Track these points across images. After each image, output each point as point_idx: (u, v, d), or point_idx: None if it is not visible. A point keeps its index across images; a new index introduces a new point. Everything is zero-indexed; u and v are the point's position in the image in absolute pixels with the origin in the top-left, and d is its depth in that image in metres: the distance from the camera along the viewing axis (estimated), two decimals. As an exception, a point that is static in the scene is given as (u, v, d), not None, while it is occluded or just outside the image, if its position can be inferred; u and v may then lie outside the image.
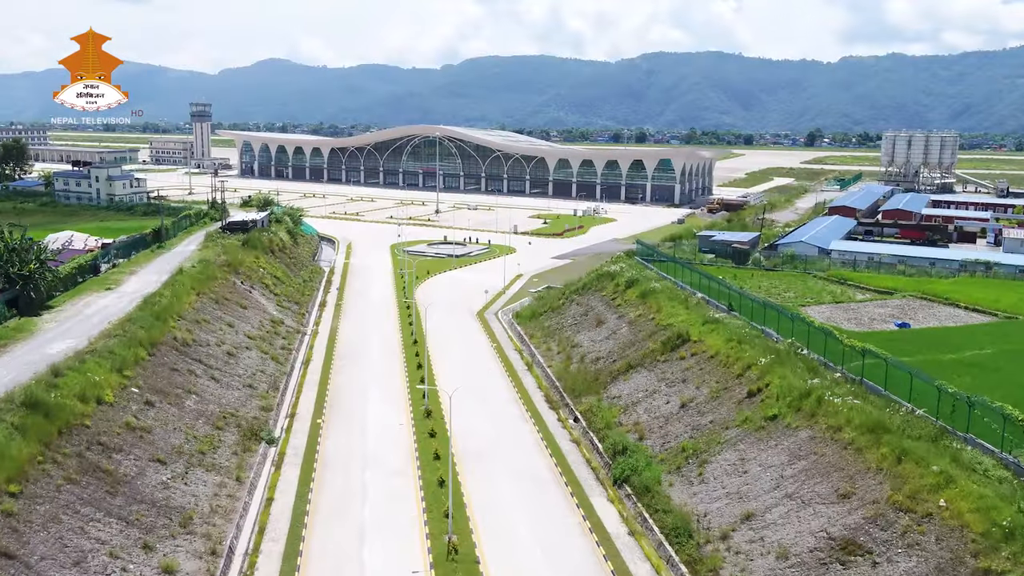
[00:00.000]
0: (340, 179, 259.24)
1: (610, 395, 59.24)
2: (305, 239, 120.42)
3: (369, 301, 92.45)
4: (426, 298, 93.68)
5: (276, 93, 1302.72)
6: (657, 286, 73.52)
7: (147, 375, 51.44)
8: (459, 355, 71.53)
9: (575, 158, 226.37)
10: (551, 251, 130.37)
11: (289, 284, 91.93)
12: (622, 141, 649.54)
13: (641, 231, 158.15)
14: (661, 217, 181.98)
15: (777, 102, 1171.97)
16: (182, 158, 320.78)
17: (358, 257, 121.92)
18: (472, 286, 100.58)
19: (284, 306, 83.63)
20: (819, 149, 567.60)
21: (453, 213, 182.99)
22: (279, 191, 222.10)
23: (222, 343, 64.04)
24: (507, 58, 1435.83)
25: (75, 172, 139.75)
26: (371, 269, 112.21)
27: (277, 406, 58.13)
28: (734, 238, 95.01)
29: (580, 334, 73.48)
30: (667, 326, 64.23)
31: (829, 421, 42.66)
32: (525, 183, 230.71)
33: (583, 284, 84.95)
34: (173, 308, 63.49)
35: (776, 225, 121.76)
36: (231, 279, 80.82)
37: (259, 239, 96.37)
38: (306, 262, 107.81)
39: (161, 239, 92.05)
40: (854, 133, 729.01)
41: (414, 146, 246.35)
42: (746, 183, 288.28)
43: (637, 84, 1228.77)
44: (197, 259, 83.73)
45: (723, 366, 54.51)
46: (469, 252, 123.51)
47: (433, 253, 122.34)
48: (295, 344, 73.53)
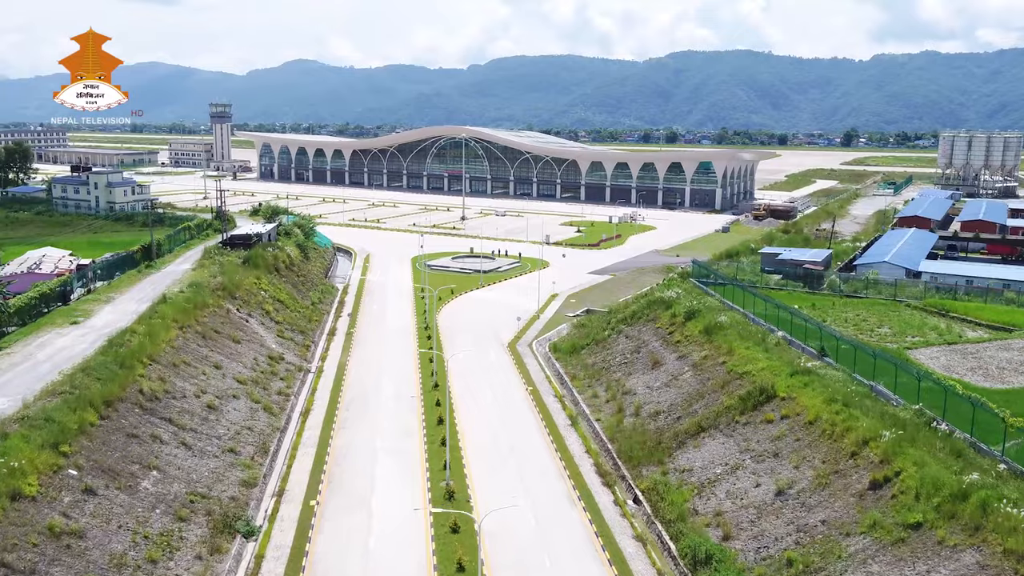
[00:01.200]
0: (362, 182, 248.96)
1: (678, 466, 47.30)
2: (318, 253, 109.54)
3: (385, 328, 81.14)
4: (450, 324, 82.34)
5: (303, 94, 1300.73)
6: (724, 319, 61.43)
7: (94, 448, 40.44)
8: (488, 403, 59.89)
9: (609, 160, 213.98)
10: (587, 265, 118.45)
11: (294, 309, 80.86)
12: (652, 141, 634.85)
13: (683, 241, 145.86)
14: (703, 224, 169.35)
15: (808, 101, 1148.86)
16: (202, 160, 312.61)
17: (376, 272, 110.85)
18: (502, 309, 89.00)
19: (286, 337, 72.53)
20: (857, 149, 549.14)
21: (480, 220, 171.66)
22: (298, 195, 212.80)
23: (203, 392, 52.95)
24: (534, 58, 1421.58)
25: (73, 178, 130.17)
26: (389, 287, 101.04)
27: (263, 478, 46.86)
28: (803, 256, 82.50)
29: (632, 377, 61.54)
30: (744, 375, 52.23)
31: (1008, 543, 30.49)
32: (556, 187, 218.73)
33: (632, 312, 73.00)
34: (144, 350, 52.57)
35: (842, 239, 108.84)
36: (225, 306, 69.93)
37: (262, 256, 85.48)
38: (317, 280, 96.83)
39: (151, 257, 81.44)
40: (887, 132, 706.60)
41: (439, 148, 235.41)
42: (788, 186, 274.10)
43: (665, 83, 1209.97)
44: (188, 282, 72.97)
45: (828, 438, 42.43)
46: (498, 267, 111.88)
47: (458, 268, 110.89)
48: (294, 387, 62.34)
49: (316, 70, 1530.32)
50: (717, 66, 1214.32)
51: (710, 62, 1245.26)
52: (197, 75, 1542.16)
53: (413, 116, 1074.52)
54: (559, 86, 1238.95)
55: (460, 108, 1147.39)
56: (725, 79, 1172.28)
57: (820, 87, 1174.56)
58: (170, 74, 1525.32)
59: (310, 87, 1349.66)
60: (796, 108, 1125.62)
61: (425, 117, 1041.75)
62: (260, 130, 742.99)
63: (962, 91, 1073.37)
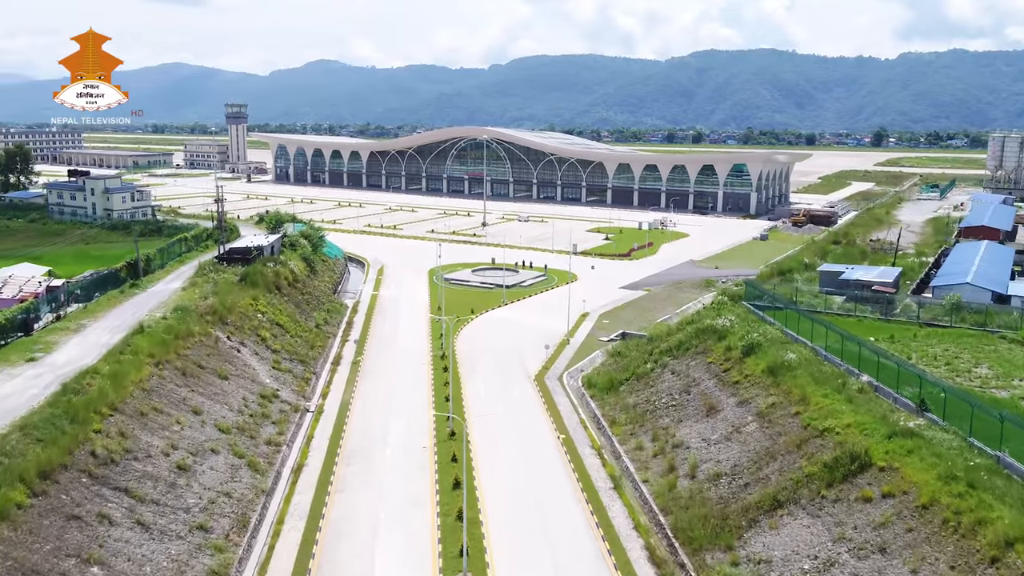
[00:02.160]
0: (380, 185, 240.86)
1: (751, 553, 37.98)
2: (326, 265, 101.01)
3: (396, 355, 72.31)
4: (469, 350, 73.40)
5: (325, 94, 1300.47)
6: (792, 357, 51.95)
7: (16, 541, 31.90)
8: (513, 458, 50.83)
9: (637, 163, 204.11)
10: (619, 278, 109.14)
11: (295, 333, 72.23)
12: (677, 141, 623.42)
13: (719, 250, 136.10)
14: (739, 231, 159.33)
15: (832, 100, 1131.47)
16: (217, 162, 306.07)
17: (389, 287, 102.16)
18: (527, 332, 79.96)
19: (283, 368, 63.88)
20: (887, 149, 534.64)
21: (502, 226, 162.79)
22: (313, 199, 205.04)
23: (174, 448, 44.37)
24: (555, 57, 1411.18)
25: (69, 184, 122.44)
26: (403, 304, 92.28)
27: (238, 564, 38.09)
28: (870, 276, 72.64)
29: (684, 425, 52.24)
30: (825, 432, 42.86)
31: None
32: (581, 190, 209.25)
33: (677, 342, 63.60)
34: (105, 397, 44.16)
35: (902, 252, 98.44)
36: (214, 334, 61.44)
37: (262, 273, 76.94)
38: (324, 298, 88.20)
39: (137, 275, 73.16)
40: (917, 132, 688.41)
41: (459, 149, 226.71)
42: (822, 188, 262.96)
43: (687, 83, 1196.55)
44: (173, 305, 64.58)
45: (952, 532, 32.96)
46: (522, 281, 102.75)
47: (478, 282, 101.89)
48: (288, 433, 53.61)
49: (338, 70, 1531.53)
50: (740, 65, 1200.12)
51: (733, 61, 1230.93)
52: (220, 76, 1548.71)
53: (434, 116, 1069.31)
54: (580, 86, 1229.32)
55: (481, 108, 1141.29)
56: (748, 78, 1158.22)
57: (845, 86, 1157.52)
58: (194, 75, 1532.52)
59: (332, 87, 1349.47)
60: (821, 107, 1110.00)
61: (446, 117, 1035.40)
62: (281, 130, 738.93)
63: (990, 90, 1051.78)
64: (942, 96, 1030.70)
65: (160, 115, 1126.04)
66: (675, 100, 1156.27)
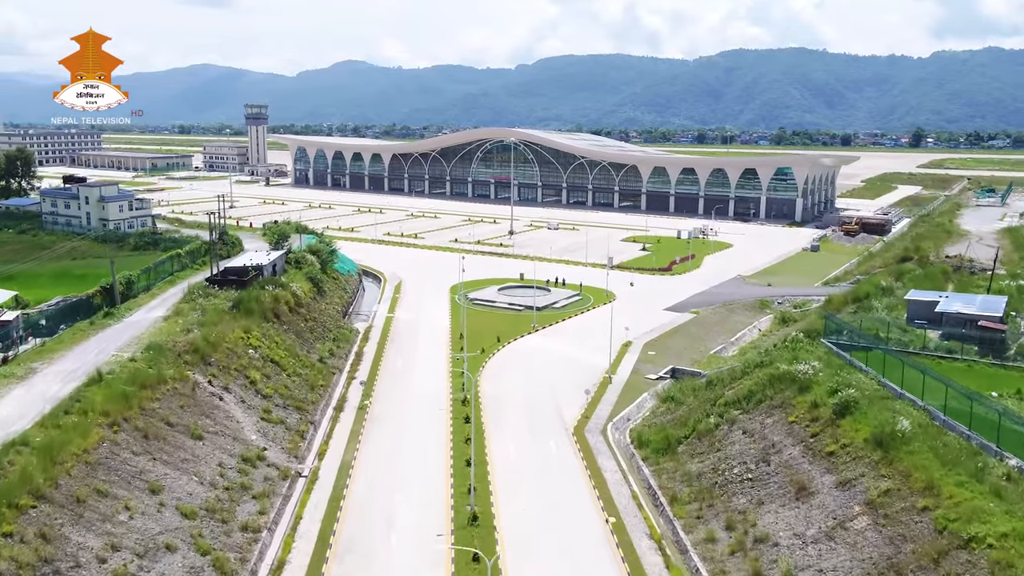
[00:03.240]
0: (402, 189, 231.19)
1: None
2: (337, 284, 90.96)
3: (410, 399, 61.97)
4: (495, 392, 62.92)
5: (352, 95, 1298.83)
6: (905, 426, 40.79)
7: None
8: (552, 553, 40.17)
9: (674, 166, 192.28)
10: (661, 296, 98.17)
11: (294, 371, 62.11)
12: (706, 142, 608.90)
13: (768, 263, 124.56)
14: (786, 241, 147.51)
15: (864, 99, 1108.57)
16: (237, 164, 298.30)
17: (406, 307, 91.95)
18: (562, 366, 69.38)
19: (274, 419, 53.75)
20: (927, 150, 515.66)
21: (530, 234, 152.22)
22: (331, 204, 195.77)
23: (113, 550, 34.30)
24: (582, 57, 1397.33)
25: (63, 191, 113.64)
26: (421, 330, 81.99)
27: None
28: (972, 308, 61.01)
29: (767, 510, 41.29)
30: (972, 543, 31.90)
31: None
32: (613, 195, 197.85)
33: (747, 392, 52.56)
34: (29, 482, 34.32)
35: (988, 270, 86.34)
36: (192, 378, 51.49)
37: (258, 298, 66.95)
38: (331, 324, 78.07)
39: (113, 301, 63.52)
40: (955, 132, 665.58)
41: (485, 152, 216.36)
42: (867, 193, 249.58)
43: (715, 82, 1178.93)
44: (147, 342, 54.83)
45: None
46: (554, 302, 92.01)
47: (506, 303, 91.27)
48: (271, 512, 43.40)
49: (365, 71, 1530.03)
50: (769, 64, 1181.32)
51: (762, 60, 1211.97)
52: (248, 76, 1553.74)
53: (460, 116, 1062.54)
54: (607, 85, 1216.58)
55: (507, 108, 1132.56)
56: (778, 77, 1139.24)
57: (877, 85, 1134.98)
58: (221, 76, 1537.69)
59: (359, 88, 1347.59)
60: (852, 107, 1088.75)
61: (472, 117, 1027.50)
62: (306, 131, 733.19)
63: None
64: (978, 95, 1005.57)
65: (188, 116, 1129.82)
66: (703, 100, 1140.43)
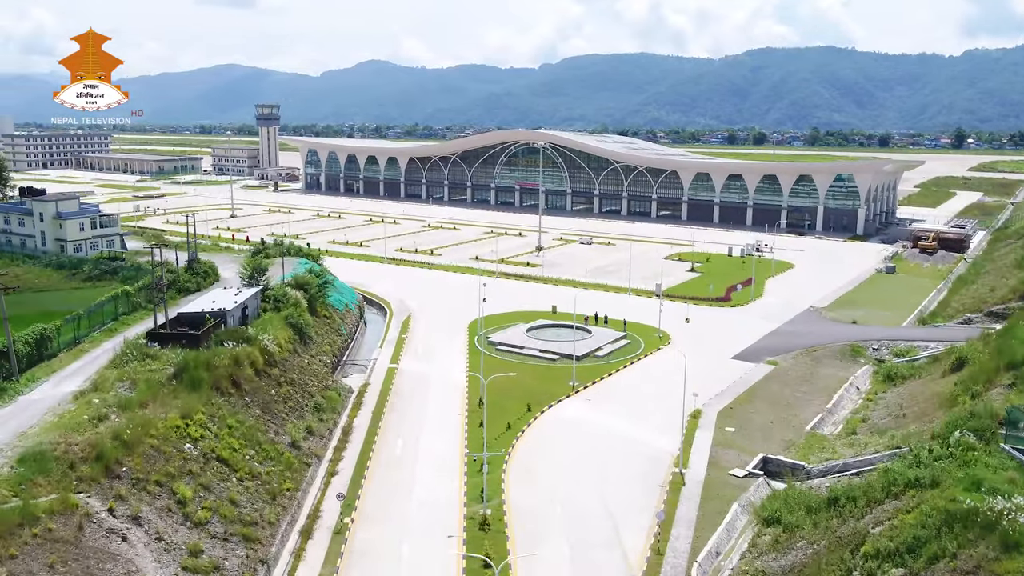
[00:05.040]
0: (419, 195, 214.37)
1: None
2: (330, 324, 73.94)
3: (407, 519, 44.65)
4: (526, 505, 45.47)
5: (375, 94, 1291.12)
6: None
7: None
8: None
9: (719, 172, 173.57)
10: (725, 339, 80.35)
11: (249, 471, 44.99)
12: (737, 143, 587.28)
13: (841, 289, 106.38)
14: (853, 259, 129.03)
15: (894, 99, 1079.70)
16: (247, 167, 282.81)
17: (414, 353, 74.78)
18: (615, 456, 51.96)
19: (204, 567, 36.56)
20: (970, 152, 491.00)
21: (560, 250, 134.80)
22: (341, 212, 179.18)
23: None
24: (606, 56, 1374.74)
25: (15, 206, 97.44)
26: (430, 390, 64.82)
27: None
28: None
29: None
30: None
31: None
32: (651, 204, 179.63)
33: (910, 539, 34.67)
34: None
35: None
36: (81, 509, 34.61)
37: (210, 362, 49.99)
38: (316, 384, 60.99)
39: (10, 371, 46.90)
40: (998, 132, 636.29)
41: (510, 155, 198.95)
42: (925, 200, 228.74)
43: (742, 81, 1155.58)
44: (32, 444, 38.11)
45: None
46: (596, 348, 74.27)
47: (536, 350, 73.58)
48: None
49: (388, 70, 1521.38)
50: (797, 63, 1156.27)
51: (789, 59, 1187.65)
52: (272, 76, 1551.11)
53: (483, 116, 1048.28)
54: (631, 85, 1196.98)
55: (531, 108, 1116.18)
56: (806, 76, 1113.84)
57: (907, 84, 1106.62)
58: (246, 76, 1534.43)
59: (382, 88, 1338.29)
60: (882, 106, 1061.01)
61: (495, 117, 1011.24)
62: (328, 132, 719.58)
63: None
64: (1011, 94, 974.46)
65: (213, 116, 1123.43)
66: (729, 99, 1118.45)
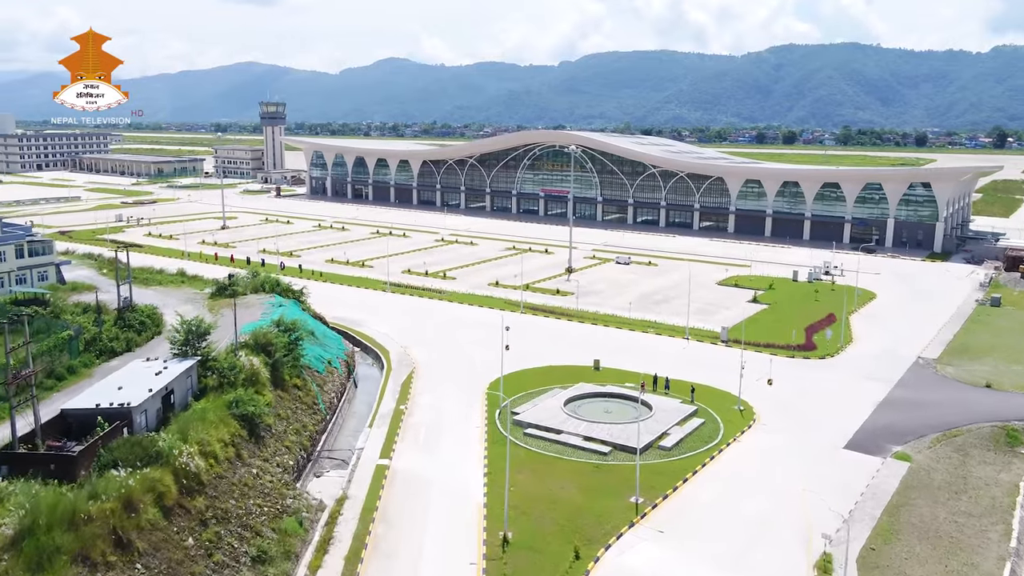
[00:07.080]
0: (433, 202, 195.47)
1: None
2: (301, 399, 54.92)
3: None
4: None
5: (394, 92, 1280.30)
6: None
7: None
8: None
9: (772, 179, 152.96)
10: (824, 411, 60.84)
11: None
12: (767, 142, 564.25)
13: (944, 329, 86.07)
14: (940, 285, 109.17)
15: (920, 96, 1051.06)
16: (250, 169, 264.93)
17: (413, 439, 55.70)
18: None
19: None
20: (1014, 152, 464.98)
21: (594, 271, 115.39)
22: (346, 224, 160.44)
23: None
24: (626, 53, 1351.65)
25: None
26: (432, 510, 45.71)
27: None
28: None
29: None
30: None
31: None
32: (693, 214, 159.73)
33: None
34: None
35: None
36: None
37: (78, 512, 31.13)
38: (266, 512, 41.90)
39: None
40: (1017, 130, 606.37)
41: (533, 158, 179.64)
42: (992, 208, 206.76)
43: (764, 79, 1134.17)
44: None
45: None
46: (661, 434, 54.71)
47: (580, 438, 54.17)
48: None
49: (408, 68, 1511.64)
50: (820, 60, 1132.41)
51: (813, 56, 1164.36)
52: (291, 75, 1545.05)
53: (502, 114, 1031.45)
54: (652, 82, 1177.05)
55: (550, 105, 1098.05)
56: (830, 73, 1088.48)
57: (934, 81, 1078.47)
58: (266, 73, 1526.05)
59: (401, 85, 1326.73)
60: (907, 104, 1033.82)
61: (514, 115, 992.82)
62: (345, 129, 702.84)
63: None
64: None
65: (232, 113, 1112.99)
66: (751, 97, 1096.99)
